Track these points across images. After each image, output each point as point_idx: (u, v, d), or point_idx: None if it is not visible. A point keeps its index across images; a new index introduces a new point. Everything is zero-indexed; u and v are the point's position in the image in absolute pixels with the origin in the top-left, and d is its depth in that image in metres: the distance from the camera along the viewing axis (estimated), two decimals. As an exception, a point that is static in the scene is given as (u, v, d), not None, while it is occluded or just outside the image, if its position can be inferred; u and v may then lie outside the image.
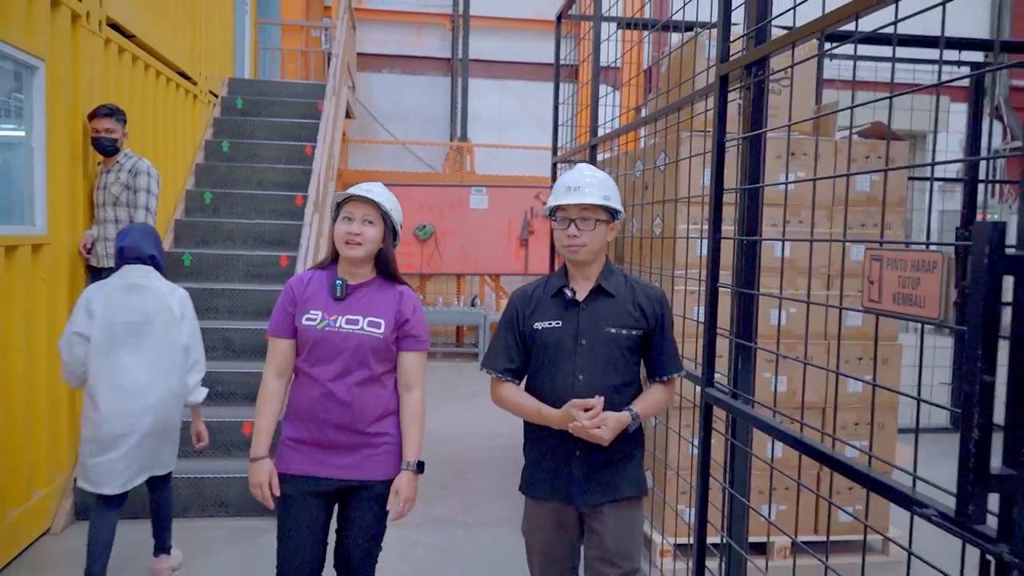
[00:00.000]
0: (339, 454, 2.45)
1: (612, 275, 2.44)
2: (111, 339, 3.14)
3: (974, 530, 1.38)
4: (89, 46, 4.43)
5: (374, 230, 2.44)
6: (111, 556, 3.29)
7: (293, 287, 2.53)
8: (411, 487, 2.47)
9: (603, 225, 2.38)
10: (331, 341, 2.42)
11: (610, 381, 2.35)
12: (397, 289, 2.55)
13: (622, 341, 2.37)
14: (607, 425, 2.23)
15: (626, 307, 2.39)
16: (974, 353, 1.34)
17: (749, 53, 2.44)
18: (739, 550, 2.60)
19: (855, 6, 1.78)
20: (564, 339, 2.37)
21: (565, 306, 2.40)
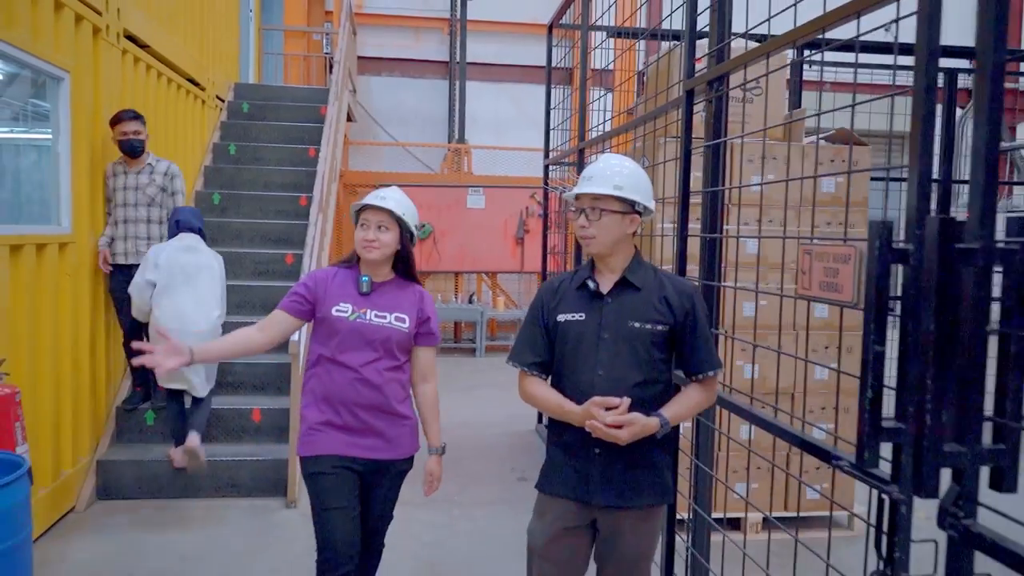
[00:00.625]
0: (369, 435, 2.64)
1: (640, 268, 2.34)
2: (171, 283, 4.26)
3: (871, 474, 1.68)
4: (109, 57, 4.73)
5: (389, 235, 2.63)
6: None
7: (319, 277, 2.71)
8: (439, 467, 2.78)
9: (615, 216, 2.27)
10: (361, 332, 2.62)
11: (632, 378, 2.24)
12: (415, 289, 2.77)
13: (646, 336, 2.26)
14: (630, 427, 2.12)
15: (652, 301, 2.28)
16: (867, 327, 1.64)
17: (711, 71, 2.75)
18: (703, 514, 2.91)
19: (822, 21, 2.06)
20: (586, 332, 2.29)
21: (590, 299, 2.32)
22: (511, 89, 12.76)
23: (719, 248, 2.80)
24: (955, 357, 1.48)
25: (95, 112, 4.57)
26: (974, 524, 1.45)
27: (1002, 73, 1.41)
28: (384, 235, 2.63)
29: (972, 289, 1.44)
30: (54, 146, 4.21)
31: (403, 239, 2.68)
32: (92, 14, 4.48)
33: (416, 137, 12.28)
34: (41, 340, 3.96)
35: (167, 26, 5.89)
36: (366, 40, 12.16)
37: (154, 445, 4.77)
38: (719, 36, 2.75)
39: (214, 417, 4.87)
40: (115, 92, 4.84)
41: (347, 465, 2.62)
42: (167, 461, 4.53)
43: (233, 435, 4.90)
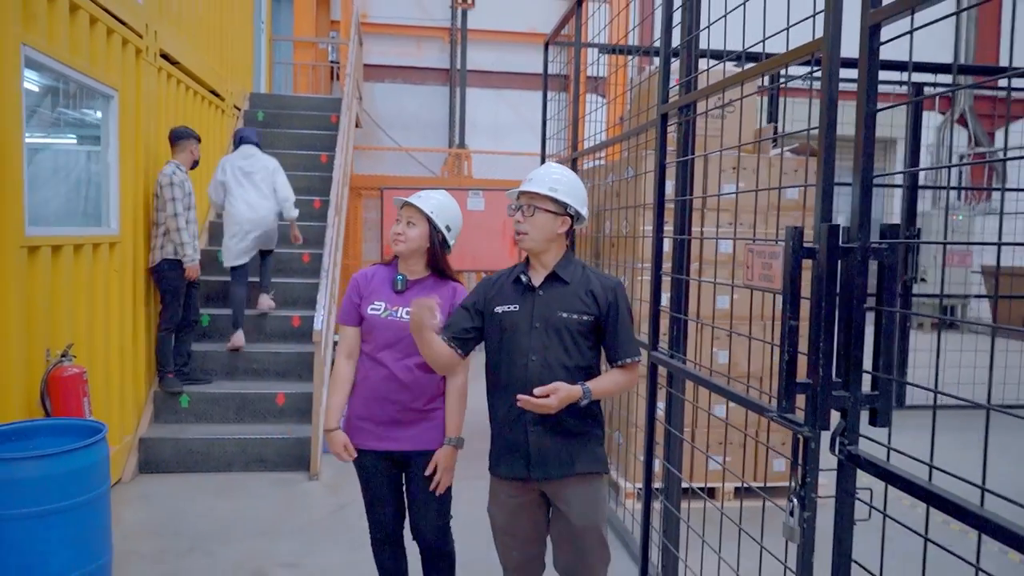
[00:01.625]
0: (401, 428, 2.75)
1: (570, 264, 2.55)
2: (237, 182, 5.83)
3: (787, 418, 2.20)
4: (148, 75, 5.25)
5: (415, 230, 2.74)
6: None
7: (359, 281, 2.86)
8: (450, 459, 2.80)
9: (548, 215, 2.47)
10: (392, 329, 2.73)
11: (562, 362, 2.44)
12: (451, 285, 2.84)
13: (573, 325, 2.46)
14: (556, 393, 2.31)
15: (578, 294, 2.48)
16: (784, 307, 2.16)
17: (681, 99, 3.28)
18: (675, 471, 3.43)
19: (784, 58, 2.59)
20: (520, 322, 2.49)
21: (523, 292, 2.52)
22: (509, 95, 13.29)
23: (687, 248, 3.32)
24: (843, 328, 2.01)
25: (136, 125, 5.08)
26: (856, 449, 1.98)
27: (874, 122, 1.94)
28: (411, 230, 2.74)
29: (853, 277, 1.97)
30: (104, 156, 4.73)
31: (432, 236, 2.77)
32: (135, 37, 4.99)
33: (418, 141, 12.79)
34: (96, 328, 4.47)
35: (193, 42, 6.40)
36: (370, 48, 12.67)
37: (188, 425, 5.29)
38: (688, 69, 3.28)
39: (241, 400, 5.39)
40: (153, 106, 5.36)
41: (383, 458, 2.79)
42: (201, 439, 5.06)
43: (259, 416, 5.42)
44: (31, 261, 3.67)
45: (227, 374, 5.66)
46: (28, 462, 2.96)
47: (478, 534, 3.19)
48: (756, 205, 3.01)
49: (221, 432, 5.19)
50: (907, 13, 1.82)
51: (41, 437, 3.31)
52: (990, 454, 1.60)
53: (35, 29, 3.69)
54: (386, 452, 2.78)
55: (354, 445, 2.79)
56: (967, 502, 1.54)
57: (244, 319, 5.84)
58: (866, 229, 1.97)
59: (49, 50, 3.80)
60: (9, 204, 3.44)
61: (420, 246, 2.76)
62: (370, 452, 2.79)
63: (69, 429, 3.39)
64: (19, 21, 3.52)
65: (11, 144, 3.46)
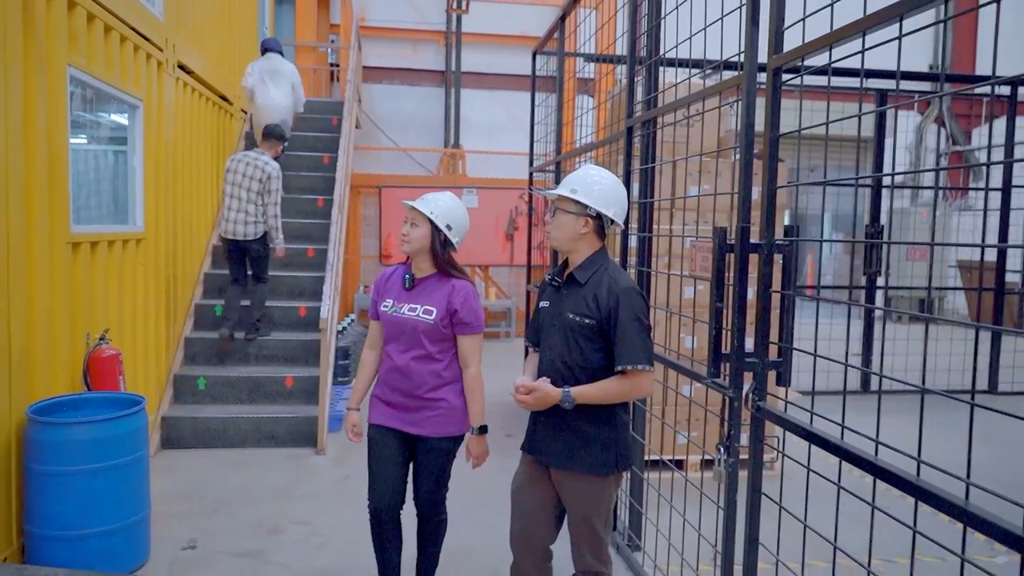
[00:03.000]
0: (406, 412, 3.00)
1: (591, 266, 2.59)
2: (263, 80, 7.29)
3: (716, 383, 2.72)
4: (168, 85, 5.74)
5: (418, 231, 2.95)
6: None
7: (378, 280, 3.17)
8: (479, 446, 3.00)
9: (568, 216, 2.55)
10: (397, 323, 2.98)
11: (564, 360, 2.57)
12: (452, 282, 3.00)
13: (575, 327, 2.54)
14: (534, 393, 2.50)
15: (586, 296, 2.54)
16: (712, 292, 2.67)
17: (643, 115, 3.79)
18: (640, 440, 3.94)
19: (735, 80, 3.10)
20: (547, 319, 2.67)
21: (554, 290, 2.69)
22: (502, 96, 13.76)
23: (649, 244, 3.83)
24: (756, 308, 2.52)
25: (158, 132, 5.57)
26: (764, 404, 2.50)
27: (777, 145, 2.45)
28: (413, 231, 2.95)
29: (761, 268, 2.48)
30: (130, 160, 5.22)
31: (434, 236, 2.97)
32: (157, 51, 5.48)
33: (414, 141, 13.27)
34: (125, 316, 4.97)
35: (204, 51, 6.88)
36: (368, 51, 13.13)
37: (205, 405, 5.80)
38: (649, 88, 3.79)
39: (254, 383, 5.90)
40: (172, 114, 5.85)
41: (390, 434, 3.03)
42: (218, 418, 5.56)
43: (270, 398, 5.92)
44: (75, 255, 4.16)
45: (240, 360, 6.16)
46: (83, 426, 3.48)
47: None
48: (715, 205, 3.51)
49: (235, 412, 5.69)
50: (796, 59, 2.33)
51: (87, 408, 3.82)
52: (935, 433, 1.89)
53: (77, 50, 4.17)
54: (393, 430, 3.02)
55: (370, 421, 3.08)
56: (849, 444, 2.01)
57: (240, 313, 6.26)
58: (771, 230, 2.49)
59: (88, 68, 4.29)
60: (58, 205, 3.94)
61: (424, 245, 2.96)
62: (381, 427, 3.04)
63: (111, 401, 3.90)
64: (65, 44, 4.00)
65: (60, 153, 3.95)
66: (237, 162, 6.00)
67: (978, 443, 1.68)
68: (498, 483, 3.42)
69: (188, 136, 6.34)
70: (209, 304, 6.48)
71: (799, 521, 2.29)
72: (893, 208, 14.54)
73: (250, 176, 5.94)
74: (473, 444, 3.01)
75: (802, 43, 2.27)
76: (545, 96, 7.24)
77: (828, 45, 2.15)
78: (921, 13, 1.81)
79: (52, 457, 3.40)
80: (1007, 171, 8.14)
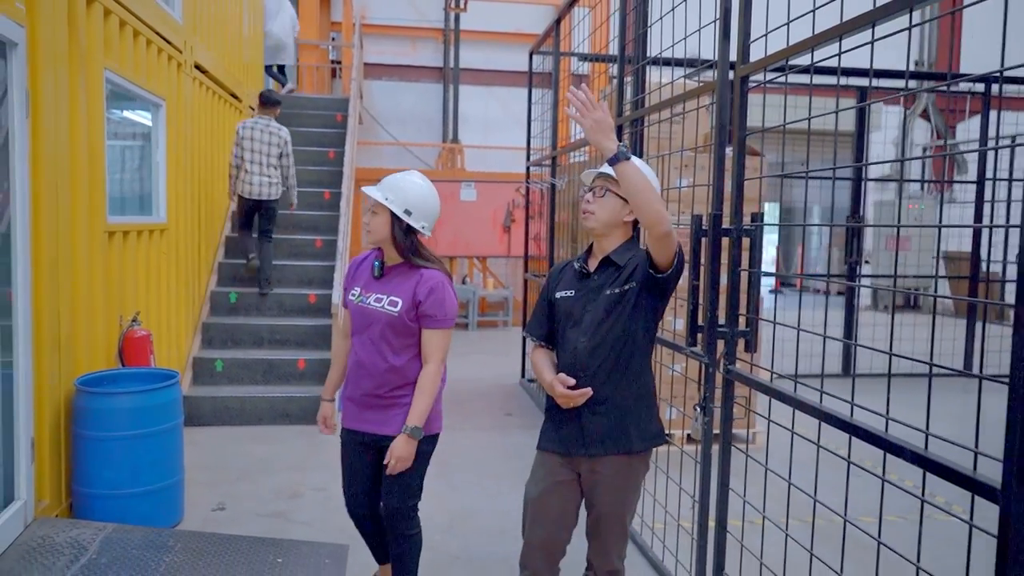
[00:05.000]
0: (372, 411, 2.82)
1: (628, 251, 2.51)
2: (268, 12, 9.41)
3: (693, 351, 3.09)
4: (186, 85, 6.09)
5: (377, 218, 2.73)
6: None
7: (350, 266, 2.97)
8: (403, 448, 2.68)
9: (618, 200, 2.45)
10: (362, 314, 2.79)
11: (608, 339, 2.44)
12: (419, 272, 2.77)
13: (617, 298, 2.44)
14: (578, 399, 2.42)
15: (624, 272, 2.47)
16: (690, 271, 3.05)
17: (631, 114, 4.16)
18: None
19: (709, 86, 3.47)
20: (574, 307, 2.52)
21: (580, 277, 2.56)
22: (499, 92, 14.12)
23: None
24: (729, 286, 2.90)
25: (179, 129, 5.92)
26: (733, 367, 2.88)
27: (744, 144, 2.83)
28: (373, 219, 2.73)
29: (731, 250, 2.86)
30: (154, 156, 5.57)
31: (394, 224, 2.72)
32: (177, 53, 5.83)
33: (413, 136, 13.63)
34: (151, 301, 5.33)
35: (217, 51, 7.23)
36: (368, 48, 13.47)
37: (223, 386, 6.17)
38: (636, 89, 4.16)
39: (268, 365, 6.27)
40: (190, 112, 6.21)
41: (357, 438, 2.88)
42: (235, 397, 5.94)
43: (283, 379, 6.29)
44: (110, 244, 4.52)
45: (255, 343, 6.53)
46: (125, 396, 3.85)
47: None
48: (693, 196, 3.87)
49: (252, 392, 6.07)
50: (761, 70, 2.70)
51: (126, 381, 4.18)
52: (908, 409, 1.96)
53: (112, 55, 4.53)
54: (359, 432, 2.86)
55: (342, 423, 2.94)
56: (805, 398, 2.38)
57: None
58: (739, 216, 2.87)
59: (120, 71, 4.64)
60: (97, 197, 4.29)
61: (385, 235, 2.73)
62: (348, 431, 2.91)
63: (146, 376, 4.27)
64: (102, 49, 4.36)
65: (98, 150, 4.31)
66: (250, 129, 6.54)
67: (950, 420, 1.88)
68: (497, 456, 3.35)
69: (203, 132, 6.69)
70: (223, 291, 6.84)
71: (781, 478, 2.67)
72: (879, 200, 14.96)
73: (268, 142, 6.56)
74: (398, 444, 2.68)
75: (764, 55, 2.65)
76: (542, 93, 7.61)
77: (784, 58, 2.53)
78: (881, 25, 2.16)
79: (98, 424, 3.77)
80: (981, 163, 8.54)
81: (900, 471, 4.27)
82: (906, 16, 1.98)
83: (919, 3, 1.89)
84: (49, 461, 3.76)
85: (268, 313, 6.83)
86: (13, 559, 3.23)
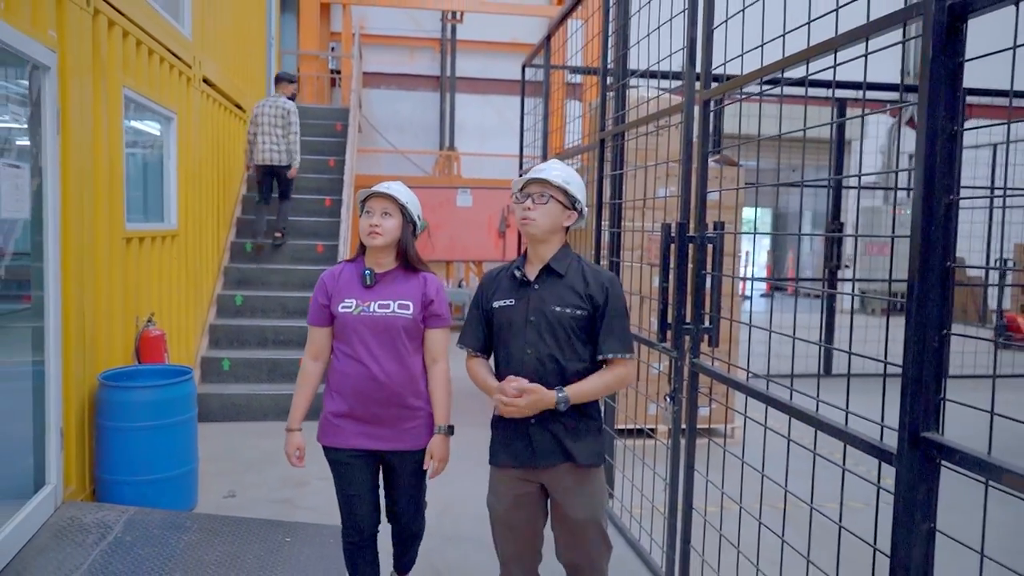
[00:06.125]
0: (382, 427, 2.70)
1: (565, 257, 2.52)
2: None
3: (664, 347, 3.42)
4: (195, 98, 6.42)
5: (391, 221, 2.67)
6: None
7: (326, 281, 2.78)
8: (444, 448, 2.76)
9: (558, 205, 2.46)
10: (367, 324, 2.66)
11: (555, 358, 2.42)
12: (421, 275, 2.77)
13: (566, 320, 2.43)
14: (528, 395, 2.35)
15: (573, 288, 2.45)
16: (661, 274, 3.38)
17: (613, 129, 4.50)
18: (611, 403, 4.65)
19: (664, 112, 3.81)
20: (516, 317, 2.47)
21: (519, 286, 2.51)
22: (495, 100, 14.48)
23: (618, 239, 4.54)
24: (694, 287, 3.23)
25: (188, 140, 6.25)
26: (698, 360, 3.20)
27: (707, 161, 3.16)
28: (387, 221, 2.66)
29: (696, 255, 3.20)
30: (166, 165, 5.90)
31: (405, 228, 2.73)
32: (187, 68, 6.16)
33: (411, 143, 13.97)
34: (163, 303, 5.66)
35: (223, 65, 7.56)
36: (367, 57, 13.82)
37: (230, 384, 6.48)
38: (617, 105, 4.49)
39: (272, 364, 6.59)
40: (199, 123, 6.54)
41: (363, 456, 2.74)
42: (242, 395, 6.25)
43: (288, 377, 6.61)
44: (127, 249, 4.85)
45: (259, 344, 6.85)
46: (144, 390, 4.17)
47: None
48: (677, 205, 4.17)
49: (257, 389, 6.39)
50: (720, 94, 3.04)
51: (143, 377, 4.50)
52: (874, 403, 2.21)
53: (129, 73, 4.86)
54: (367, 451, 2.74)
55: (330, 444, 2.77)
56: (760, 389, 2.73)
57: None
58: (703, 225, 3.20)
59: (137, 88, 4.98)
60: (116, 206, 4.62)
61: (395, 238, 2.71)
62: (348, 450, 2.74)
63: (162, 372, 4.60)
64: (120, 68, 4.69)
65: (117, 162, 4.63)
66: (262, 106, 7.52)
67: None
68: (487, 448, 3.23)
69: (210, 142, 7.03)
70: (229, 295, 7.16)
71: (754, 469, 3.00)
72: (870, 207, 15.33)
73: (274, 115, 7.48)
74: (438, 446, 2.76)
75: (725, 81, 2.99)
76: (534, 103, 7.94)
77: (739, 86, 2.87)
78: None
79: (120, 415, 4.09)
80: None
81: (868, 463, 4.60)
82: (864, 43, 2.20)
83: (875, 33, 2.13)
84: (75, 449, 4.08)
85: (272, 315, 7.16)
86: (47, 537, 3.55)
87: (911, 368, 1.85)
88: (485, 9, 13.42)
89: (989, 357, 8.81)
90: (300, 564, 3.60)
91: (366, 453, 2.75)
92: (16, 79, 3.67)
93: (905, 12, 1.93)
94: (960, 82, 1.80)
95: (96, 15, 4.28)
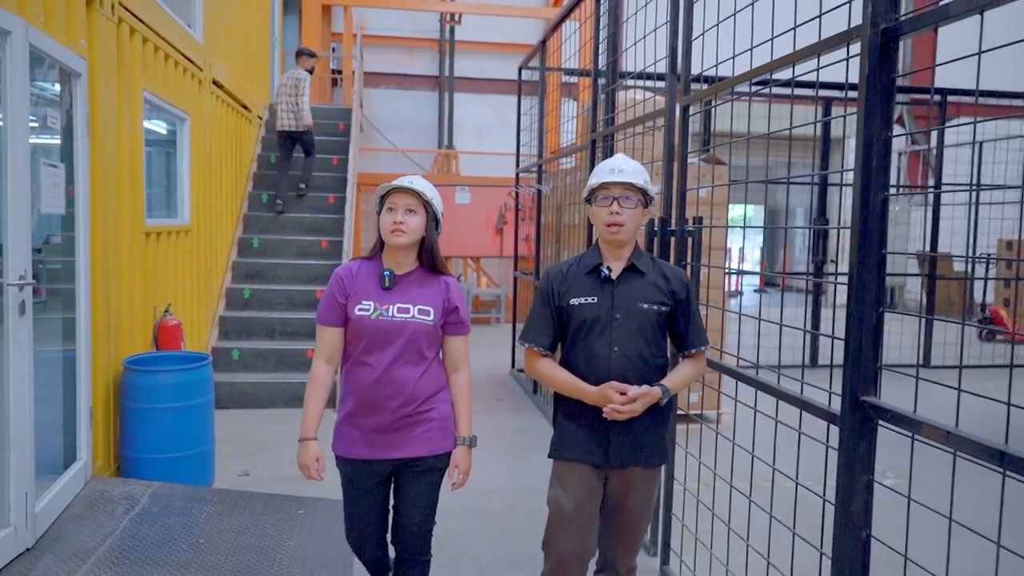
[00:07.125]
0: (395, 434, 2.54)
1: (643, 256, 2.56)
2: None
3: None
4: (206, 100, 6.71)
5: (416, 219, 2.49)
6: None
7: (343, 277, 2.58)
8: (468, 460, 2.65)
9: (640, 207, 2.49)
10: (385, 329, 2.49)
11: (642, 354, 2.46)
12: (442, 279, 2.61)
13: (652, 315, 2.47)
14: (643, 398, 2.38)
15: (655, 285, 2.50)
16: (644, 265, 3.68)
17: (603, 131, 4.80)
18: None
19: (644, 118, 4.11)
20: (600, 314, 2.46)
21: (600, 283, 2.49)
22: (493, 100, 14.77)
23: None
24: (673, 275, 3.53)
25: (200, 140, 6.54)
26: (678, 344, 3.50)
27: (686, 162, 3.46)
28: (411, 219, 2.49)
29: (676, 246, 3.50)
30: (179, 164, 6.20)
31: (429, 226, 2.56)
32: (198, 71, 6.46)
33: (410, 142, 14.26)
34: (178, 293, 5.95)
35: (231, 67, 7.85)
36: (367, 57, 14.09)
37: (239, 373, 6.78)
38: (607, 108, 4.80)
39: (280, 354, 6.89)
40: (209, 124, 6.83)
41: (373, 470, 2.60)
42: (251, 383, 6.55)
43: (294, 367, 6.91)
44: (147, 244, 5.14)
45: (267, 335, 7.15)
46: (166, 373, 4.48)
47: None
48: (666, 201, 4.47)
49: (266, 378, 6.69)
50: (697, 101, 3.34)
51: (164, 362, 4.80)
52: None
53: (148, 77, 5.15)
54: (377, 462, 2.59)
55: (342, 454, 2.63)
56: (735, 368, 3.03)
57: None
58: (682, 220, 3.50)
59: (155, 91, 5.27)
60: (137, 202, 4.91)
61: (420, 237, 2.55)
62: (359, 461, 2.60)
63: (181, 358, 4.90)
64: (141, 73, 4.98)
65: (137, 160, 4.93)
66: (282, 79, 8.55)
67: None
68: (489, 434, 3.22)
69: (219, 141, 7.31)
70: (237, 288, 7.46)
71: (742, 449, 3.30)
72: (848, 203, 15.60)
73: (290, 85, 8.41)
74: (462, 457, 2.66)
75: (704, 88, 3.29)
76: (531, 103, 8.25)
77: (713, 95, 3.18)
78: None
79: (143, 397, 4.39)
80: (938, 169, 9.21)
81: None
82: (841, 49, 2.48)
83: (826, 50, 2.42)
84: (102, 429, 4.38)
85: (278, 308, 7.46)
86: (79, 508, 3.85)
87: (852, 340, 2.16)
88: (483, 11, 13.72)
89: (975, 349, 9.11)
90: (314, 532, 3.90)
91: (379, 467, 2.60)
92: (46, 83, 3.96)
93: (848, 33, 2.24)
94: (892, 96, 2.11)
95: (120, 23, 4.57)
